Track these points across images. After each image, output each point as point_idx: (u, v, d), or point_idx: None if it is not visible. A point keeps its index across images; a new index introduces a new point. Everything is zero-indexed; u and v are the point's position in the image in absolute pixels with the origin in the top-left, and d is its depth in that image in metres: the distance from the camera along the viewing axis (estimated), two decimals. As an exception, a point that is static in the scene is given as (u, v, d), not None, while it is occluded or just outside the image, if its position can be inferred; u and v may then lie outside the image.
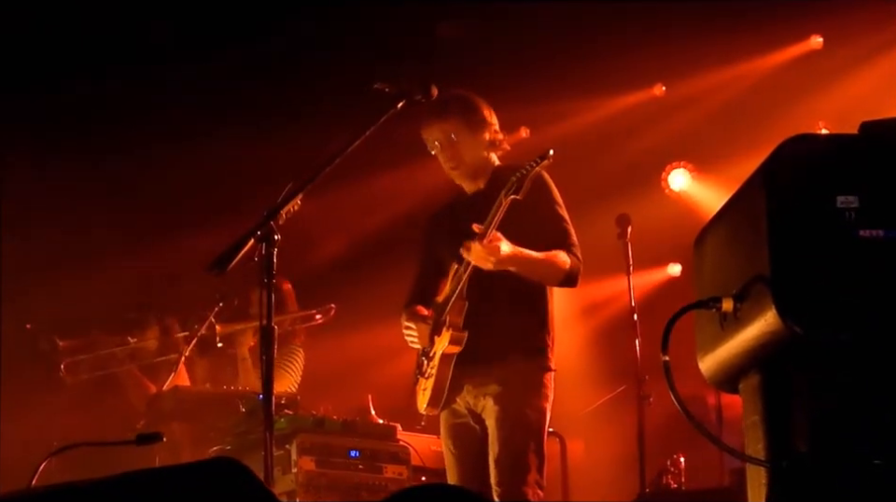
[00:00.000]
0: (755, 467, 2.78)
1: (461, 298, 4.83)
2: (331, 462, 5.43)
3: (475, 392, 4.87)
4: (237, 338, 6.73)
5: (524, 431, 4.74)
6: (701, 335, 3.03)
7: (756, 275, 2.63)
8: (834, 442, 2.53)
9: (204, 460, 2.47)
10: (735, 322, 2.77)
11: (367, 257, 8.88)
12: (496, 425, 4.76)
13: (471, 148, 5.04)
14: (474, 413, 4.91)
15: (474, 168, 5.07)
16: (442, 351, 4.85)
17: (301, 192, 3.98)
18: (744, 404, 2.90)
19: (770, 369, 2.74)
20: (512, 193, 4.61)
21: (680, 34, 8.21)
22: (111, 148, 8.37)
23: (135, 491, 2.42)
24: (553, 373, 4.91)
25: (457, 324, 4.81)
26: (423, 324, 4.99)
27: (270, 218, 3.88)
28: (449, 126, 5.00)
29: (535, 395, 4.81)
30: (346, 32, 8.14)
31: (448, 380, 4.84)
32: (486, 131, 5.07)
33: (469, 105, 5.07)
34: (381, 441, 5.69)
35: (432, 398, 4.87)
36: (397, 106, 4.36)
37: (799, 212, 2.58)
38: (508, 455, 4.71)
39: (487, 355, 4.81)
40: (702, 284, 3.06)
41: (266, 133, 8.31)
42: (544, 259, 4.80)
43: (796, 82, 8.40)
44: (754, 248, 2.65)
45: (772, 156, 2.68)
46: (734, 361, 2.86)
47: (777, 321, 2.54)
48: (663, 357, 2.81)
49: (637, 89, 9.07)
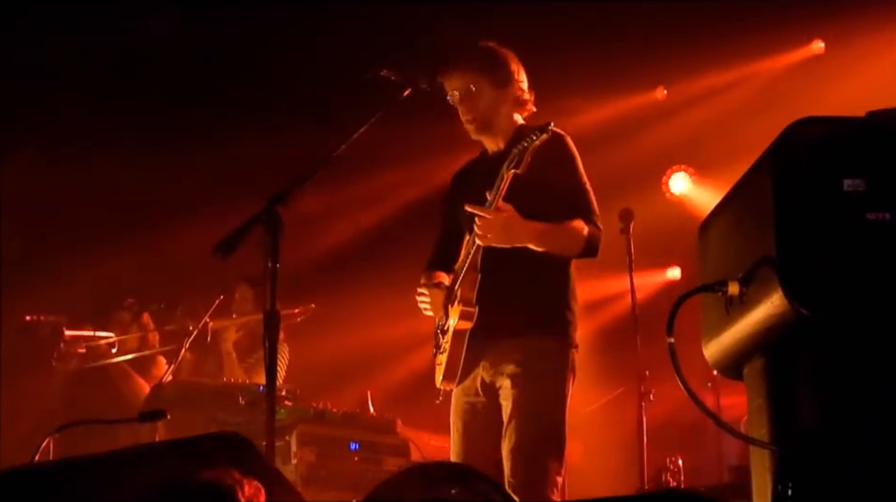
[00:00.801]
0: (759, 452, 2.77)
1: (473, 270, 4.58)
2: (332, 453, 5.43)
3: (492, 370, 4.61)
4: (221, 333, 6.75)
5: (543, 420, 4.48)
6: (706, 321, 3.02)
7: (762, 258, 2.62)
8: (839, 425, 2.53)
9: (208, 434, 2.48)
10: (740, 306, 2.76)
11: (370, 250, 8.86)
12: (512, 410, 4.49)
13: (491, 103, 4.77)
14: (490, 391, 4.64)
15: (493, 125, 4.81)
16: (454, 326, 4.60)
17: (308, 179, 3.97)
18: (748, 389, 2.89)
19: (775, 352, 2.74)
20: (513, 167, 4.38)
21: (683, 37, 8.21)
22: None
23: (141, 461, 2.42)
24: (575, 350, 4.64)
25: (468, 298, 4.57)
26: (437, 292, 4.77)
27: (275, 204, 3.87)
28: (469, 76, 4.75)
29: (555, 375, 4.54)
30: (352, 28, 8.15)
31: (462, 356, 4.58)
32: (511, 87, 4.80)
33: (495, 57, 4.81)
34: (381, 434, 5.68)
35: (447, 372, 4.62)
36: (402, 94, 4.32)
37: (806, 194, 2.58)
38: (524, 448, 4.44)
39: (504, 330, 4.57)
40: (707, 269, 3.06)
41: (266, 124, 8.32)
42: (560, 230, 4.56)
43: (798, 87, 8.41)
44: (760, 231, 2.65)
45: (779, 139, 2.68)
46: (739, 346, 2.85)
47: (784, 303, 2.54)
48: (668, 339, 2.80)
49: (638, 91, 9.08)
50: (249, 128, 8.41)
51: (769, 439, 2.70)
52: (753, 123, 8.30)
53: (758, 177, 2.74)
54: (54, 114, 8.31)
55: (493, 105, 4.78)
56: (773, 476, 2.66)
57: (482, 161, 4.93)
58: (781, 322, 2.59)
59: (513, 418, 4.49)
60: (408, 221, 8.50)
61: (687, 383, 2.77)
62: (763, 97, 8.51)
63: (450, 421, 4.79)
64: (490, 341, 4.59)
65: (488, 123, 4.80)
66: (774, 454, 2.65)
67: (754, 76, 8.66)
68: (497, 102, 4.79)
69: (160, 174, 8.47)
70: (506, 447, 4.48)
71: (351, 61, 7.65)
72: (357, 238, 9.09)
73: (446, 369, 4.64)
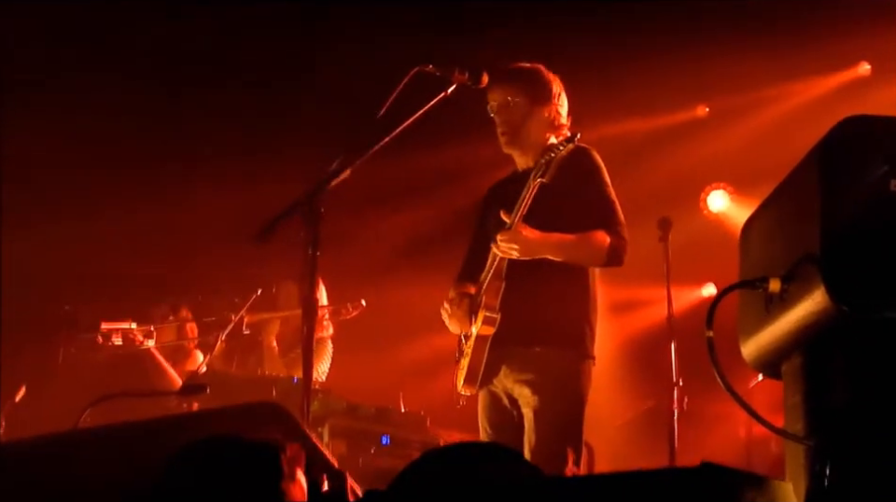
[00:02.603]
0: (794, 450, 2.77)
1: (498, 278, 4.78)
2: (363, 447, 5.45)
3: (512, 377, 4.81)
4: (264, 327, 6.79)
5: (561, 423, 4.69)
6: (744, 319, 3.02)
7: (805, 255, 2.62)
8: (877, 423, 2.52)
9: (248, 403, 2.50)
10: (780, 303, 2.76)
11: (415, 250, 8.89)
12: (532, 415, 4.71)
13: (526, 119, 4.94)
14: (511, 397, 4.85)
15: (524, 140, 4.98)
16: (477, 332, 4.80)
17: (348, 168, 4.00)
18: (785, 386, 2.89)
19: (815, 350, 2.73)
20: (540, 176, 4.57)
21: (728, 56, 8.19)
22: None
23: (181, 429, 2.45)
24: (592, 362, 4.84)
25: (492, 305, 4.76)
26: (459, 309, 4.92)
27: (316, 192, 3.90)
28: (510, 89, 4.93)
29: (573, 384, 4.75)
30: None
31: (483, 361, 4.78)
32: (548, 106, 4.97)
33: (537, 77, 4.99)
34: (412, 431, 5.71)
35: (468, 377, 4.83)
36: (446, 91, 4.37)
37: (852, 192, 2.58)
38: (544, 448, 4.63)
39: (524, 339, 4.76)
40: (748, 267, 3.06)
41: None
42: (580, 242, 4.73)
43: (842, 109, 8.29)
44: (805, 229, 2.65)
45: (827, 136, 2.68)
46: (777, 343, 2.85)
47: (826, 300, 2.53)
48: (707, 333, 2.80)
49: (680, 109, 9.08)
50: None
51: (805, 435, 2.70)
52: (795, 144, 8.24)
53: (804, 175, 2.74)
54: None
55: (526, 120, 4.95)
56: (808, 473, 2.65)
57: (512, 178, 5.09)
58: (822, 320, 2.59)
59: (533, 426, 4.70)
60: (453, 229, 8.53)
61: (725, 376, 2.77)
62: (807, 118, 8.47)
63: (479, 423, 4.98)
64: (511, 348, 4.78)
65: (519, 137, 4.97)
66: (810, 450, 2.65)
67: (798, 96, 8.63)
68: (531, 118, 4.95)
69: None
70: (527, 447, 4.68)
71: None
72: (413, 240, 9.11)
73: (467, 374, 4.83)
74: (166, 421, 2.51)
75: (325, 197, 3.94)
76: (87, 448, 2.48)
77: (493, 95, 4.96)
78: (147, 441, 2.43)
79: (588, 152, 4.84)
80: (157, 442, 2.41)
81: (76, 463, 2.45)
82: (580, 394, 4.76)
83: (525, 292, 4.76)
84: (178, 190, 8.55)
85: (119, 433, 2.50)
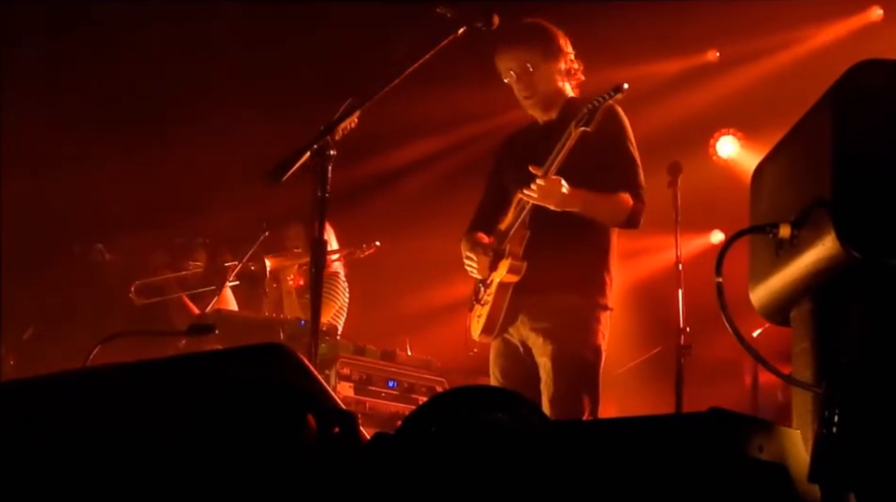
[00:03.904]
0: (802, 396, 2.77)
1: (523, 226, 4.79)
2: (369, 390, 5.48)
3: (529, 325, 4.80)
4: (282, 273, 6.80)
5: (577, 372, 4.67)
6: (754, 265, 3.01)
7: (816, 200, 2.60)
8: (887, 368, 2.51)
9: (255, 344, 2.49)
10: (790, 249, 2.75)
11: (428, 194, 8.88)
12: (549, 363, 4.69)
13: (546, 78, 4.96)
14: (526, 346, 4.84)
15: (548, 98, 4.99)
16: (500, 279, 4.80)
17: (358, 109, 3.99)
18: (794, 332, 2.88)
19: (824, 296, 2.72)
20: (583, 125, 4.57)
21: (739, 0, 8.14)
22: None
23: (187, 368, 2.45)
24: (609, 312, 4.85)
25: (517, 253, 4.77)
26: (483, 254, 4.92)
27: (326, 133, 3.89)
28: (525, 55, 4.93)
29: (589, 333, 4.74)
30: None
31: (504, 308, 4.79)
32: (562, 59, 4.99)
33: (545, 34, 4.99)
34: (418, 372, 5.72)
35: (486, 326, 4.83)
36: (457, 32, 4.35)
37: (865, 138, 2.56)
38: (561, 396, 4.62)
39: (543, 286, 4.74)
40: (759, 213, 3.04)
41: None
42: (607, 202, 4.75)
43: (854, 54, 8.24)
44: (816, 174, 2.63)
45: (840, 81, 2.66)
46: (787, 289, 2.84)
47: (836, 246, 2.52)
48: (716, 279, 2.79)
49: (690, 53, 9.01)
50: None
51: (813, 381, 2.70)
52: (805, 89, 8.17)
53: (816, 119, 2.72)
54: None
55: (549, 81, 4.97)
56: (816, 419, 2.65)
57: (533, 130, 5.10)
58: (832, 265, 2.58)
59: (550, 373, 4.68)
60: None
61: (733, 321, 2.76)
62: (818, 63, 8.39)
63: (489, 370, 4.98)
64: (530, 295, 4.77)
65: (544, 96, 4.99)
66: (818, 397, 2.64)
67: (809, 41, 8.54)
68: (553, 77, 4.97)
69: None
70: (545, 396, 4.67)
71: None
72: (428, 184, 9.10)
73: (486, 322, 4.84)
74: (170, 361, 2.49)
75: (335, 139, 3.92)
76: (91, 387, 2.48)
77: (507, 64, 4.97)
78: (152, 380, 2.43)
79: (615, 110, 4.82)
80: (161, 382, 2.42)
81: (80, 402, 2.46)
82: (596, 342, 4.75)
83: (547, 241, 4.76)
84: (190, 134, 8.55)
85: (124, 372, 2.50)
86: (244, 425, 2.33)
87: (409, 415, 2.52)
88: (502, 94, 5.14)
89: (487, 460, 2.32)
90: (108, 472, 2.38)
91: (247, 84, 8.59)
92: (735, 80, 8.78)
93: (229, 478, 2.32)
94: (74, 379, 2.54)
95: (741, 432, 2.31)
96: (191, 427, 2.36)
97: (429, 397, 2.61)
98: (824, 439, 2.48)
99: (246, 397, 2.32)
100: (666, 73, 8.94)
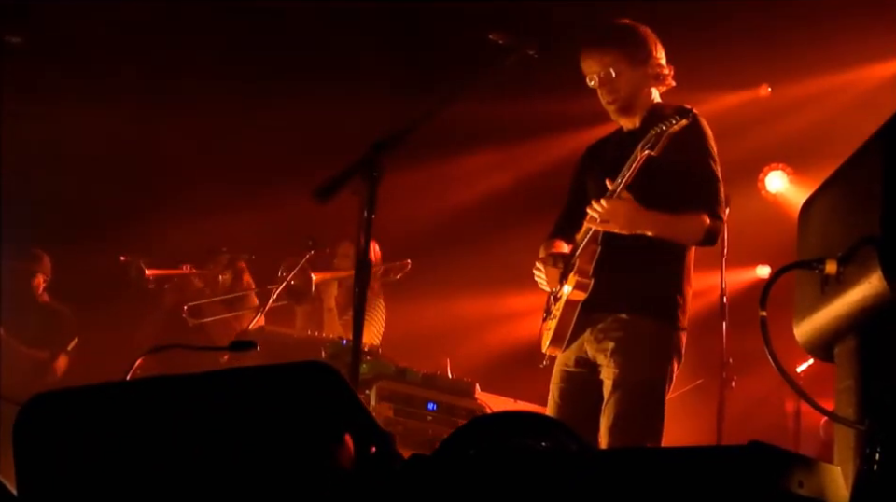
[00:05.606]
0: (844, 433, 2.75)
1: (594, 242, 4.65)
2: (408, 411, 5.47)
3: (596, 346, 4.65)
4: (324, 290, 6.83)
5: (642, 399, 4.50)
6: (800, 300, 2.99)
7: (864, 238, 2.60)
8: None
9: (297, 362, 2.50)
10: (836, 285, 2.74)
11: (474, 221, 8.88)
12: (612, 387, 4.51)
13: (631, 83, 4.75)
14: (589, 365, 4.69)
15: (632, 104, 4.78)
16: (567, 296, 4.66)
17: (410, 132, 3.98)
18: (838, 369, 2.86)
19: (869, 333, 2.71)
20: (648, 148, 4.39)
21: (793, 37, 8.11)
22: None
23: (228, 384, 2.47)
24: (683, 333, 4.64)
25: (585, 270, 4.63)
26: (552, 266, 4.78)
27: (376, 153, 3.88)
28: (609, 58, 4.73)
29: (659, 356, 4.55)
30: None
31: (571, 325, 4.65)
32: (649, 64, 4.77)
33: (632, 36, 4.79)
34: (459, 397, 5.71)
35: (554, 339, 4.70)
36: (508, 60, 4.31)
37: (916, 175, 2.55)
38: (622, 425, 4.46)
39: (612, 306, 4.61)
40: (805, 248, 3.03)
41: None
42: (680, 222, 4.60)
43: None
44: (865, 211, 2.63)
45: (893, 119, 2.65)
46: (832, 325, 2.83)
47: (882, 284, 2.51)
48: (760, 313, 2.79)
49: (742, 87, 8.98)
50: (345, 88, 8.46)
51: (856, 419, 2.68)
52: (857, 128, 8.12)
53: (867, 157, 2.72)
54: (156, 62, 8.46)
55: (634, 87, 4.77)
56: (858, 457, 2.63)
57: (616, 138, 4.94)
58: (878, 303, 2.57)
59: (613, 395, 4.51)
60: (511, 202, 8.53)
61: (776, 356, 2.75)
62: (870, 103, 8.35)
63: (549, 389, 4.82)
64: (599, 314, 4.65)
65: (629, 102, 4.79)
66: (860, 434, 2.63)
67: (862, 81, 8.50)
68: (638, 82, 4.78)
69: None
70: (604, 424, 4.51)
71: (455, 25, 7.65)
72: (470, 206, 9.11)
73: (554, 336, 4.71)
74: (213, 375, 2.51)
75: (386, 158, 3.90)
76: (132, 399, 2.50)
77: (591, 67, 4.79)
78: (193, 394, 2.45)
79: (699, 123, 4.62)
80: (203, 396, 2.44)
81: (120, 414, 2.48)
82: (663, 366, 4.57)
83: (620, 259, 4.64)
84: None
85: (166, 385, 2.52)
86: (282, 441, 2.35)
87: (447, 438, 2.53)
88: (549, 107, 5.08)
89: (523, 485, 2.32)
90: (147, 483, 2.41)
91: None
92: (786, 115, 8.75)
93: (266, 493, 2.34)
94: (118, 390, 2.57)
95: (781, 466, 2.29)
96: (230, 440, 2.38)
97: (468, 421, 2.61)
98: (865, 476, 2.46)
99: (287, 414, 2.34)
100: (718, 105, 8.90)
